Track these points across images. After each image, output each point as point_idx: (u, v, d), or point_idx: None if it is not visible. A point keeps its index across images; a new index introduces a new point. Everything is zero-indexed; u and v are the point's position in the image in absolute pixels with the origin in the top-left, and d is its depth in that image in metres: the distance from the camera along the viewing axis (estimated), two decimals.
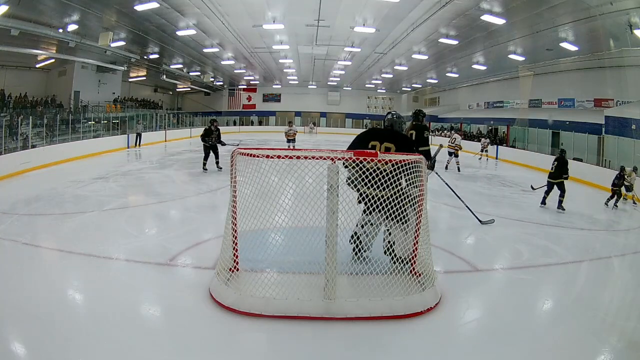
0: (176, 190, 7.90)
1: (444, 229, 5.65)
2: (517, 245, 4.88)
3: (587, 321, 3.10)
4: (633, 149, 10.51)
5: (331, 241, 2.90)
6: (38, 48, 15.15)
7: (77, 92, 19.62)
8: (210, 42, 17.54)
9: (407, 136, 3.99)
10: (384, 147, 3.68)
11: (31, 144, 11.59)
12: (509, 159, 15.67)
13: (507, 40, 14.55)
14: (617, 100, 13.92)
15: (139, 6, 12.16)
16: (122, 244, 4.46)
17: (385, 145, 3.69)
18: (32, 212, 5.93)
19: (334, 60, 21.32)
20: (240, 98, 33.44)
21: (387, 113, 4.03)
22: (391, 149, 3.68)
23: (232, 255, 3.42)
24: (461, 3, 11.25)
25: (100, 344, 2.57)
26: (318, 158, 2.95)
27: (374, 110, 33.76)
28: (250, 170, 3.25)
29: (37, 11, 11.84)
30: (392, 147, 3.68)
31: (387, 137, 3.75)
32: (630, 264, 4.59)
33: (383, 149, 3.67)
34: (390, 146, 3.69)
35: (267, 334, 2.78)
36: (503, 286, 3.82)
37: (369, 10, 12.93)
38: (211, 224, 5.46)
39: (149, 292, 3.39)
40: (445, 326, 2.91)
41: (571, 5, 10.61)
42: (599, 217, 6.70)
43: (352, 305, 2.93)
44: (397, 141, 3.72)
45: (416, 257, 3.44)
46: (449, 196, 6.49)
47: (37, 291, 3.26)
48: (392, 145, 3.69)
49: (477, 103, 24.25)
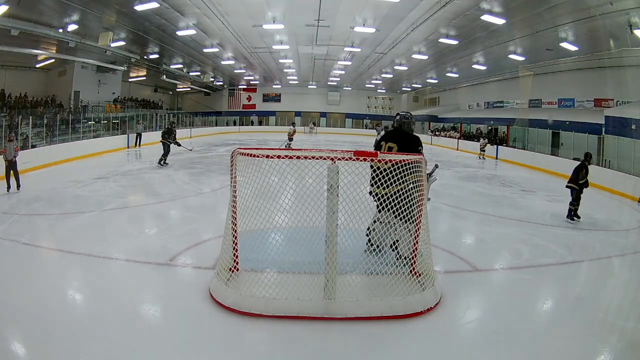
0: (176, 190, 7.90)
1: (444, 229, 5.65)
2: (517, 245, 4.87)
3: (587, 321, 3.10)
4: (633, 149, 10.49)
5: (331, 241, 2.90)
6: (38, 48, 15.15)
7: (77, 92, 19.61)
8: (210, 42, 17.53)
9: (414, 136, 3.97)
10: (387, 147, 3.80)
11: (31, 144, 11.59)
12: (509, 159, 15.67)
13: (507, 40, 14.54)
14: (617, 100, 13.91)
15: (139, 6, 12.15)
16: (122, 244, 4.47)
17: (388, 145, 3.81)
18: (32, 212, 5.93)
19: (334, 60, 21.31)
20: (240, 98, 33.43)
21: (397, 114, 4.09)
22: (393, 149, 3.76)
23: (232, 255, 3.42)
24: (461, 3, 11.24)
25: (100, 344, 2.57)
26: (318, 158, 2.95)
27: (374, 110, 33.75)
28: (251, 170, 3.25)
29: (37, 11, 11.83)
30: (395, 146, 3.77)
31: (391, 137, 3.88)
32: (630, 264, 4.59)
33: (386, 148, 3.79)
34: (393, 146, 3.79)
35: (267, 334, 2.78)
36: (503, 286, 3.82)
37: (369, 10, 12.92)
38: (211, 224, 5.46)
39: (149, 292, 3.39)
40: (445, 326, 2.91)
41: (571, 5, 10.60)
42: (599, 217, 6.70)
43: (352, 305, 2.93)
44: (401, 141, 3.81)
45: (416, 257, 3.45)
46: (449, 196, 6.49)
47: (37, 291, 3.26)
48: (394, 145, 3.78)
49: (477, 103, 24.24)
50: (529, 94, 18.37)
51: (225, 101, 33.64)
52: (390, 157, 3.26)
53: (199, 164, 11.71)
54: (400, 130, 3.97)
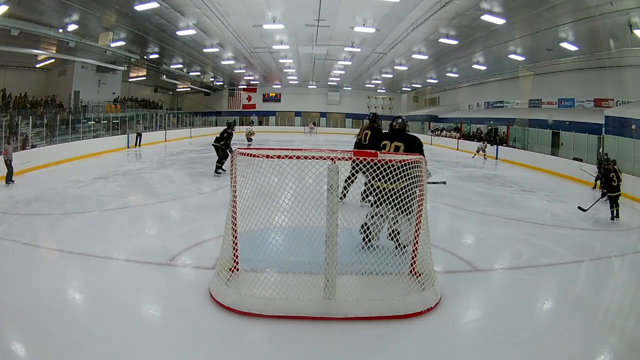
0: (176, 190, 7.90)
1: (444, 229, 5.64)
2: (517, 245, 4.88)
3: (587, 321, 3.10)
4: (633, 149, 10.48)
5: (331, 241, 2.90)
6: (38, 48, 15.15)
7: (77, 92, 19.61)
8: (210, 42, 17.52)
9: (416, 137, 4.32)
10: (394, 146, 4.12)
11: (31, 144, 11.59)
12: (509, 159, 15.67)
13: (507, 40, 14.54)
14: (617, 100, 13.91)
15: (139, 6, 12.15)
16: (122, 244, 4.47)
17: (395, 144, 4.13)
18: (32, 212, 5.93)
19: (334, 60, 21.31)
20: (240, 98, 33.42)
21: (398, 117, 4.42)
22: (400, 148, 4.11)
23: (232, 255, 3.42)
24: (461, 3, 11.24)
25: (100, 344, 2.57)
26: (318, 158, 2.96)
27: (374, 110, 33.73)
28: (251, 170, 3.25)
29: (37, 11, 11.83)
30: (402, 145, 4.12)
31: (397, 137, 4.19)
32: (630, 264, 4.59)
33: (393, 147, 4.12)
34: (400, 145, 4.12)
35: (267, 334, 2.78)
36: (503, 286, 3.82)
37: (369, 10, 12.92)
38: (211, 224, 5.46)
39: (149, 292, 3.39)
40: (445, 326, 2.91)
41: (571, 5, 10.60)
42: (599, 217, 6.70)
43: (352, 305, 2.93)
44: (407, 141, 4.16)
45: (417, 249, 3.45)
46: (449, 196, 6.50)
47: (37, 291, 3.26)
48: (401, 144, 4.12)
49: (477, 103, 24.24)
50: (529, 94, 18.37)
51: (225, 101, 33.63)
52: (390, 157, 3.27)
53: (199, 164, 11.71)
54: (404, 131, 4.30)
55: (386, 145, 4.16)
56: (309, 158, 3.00)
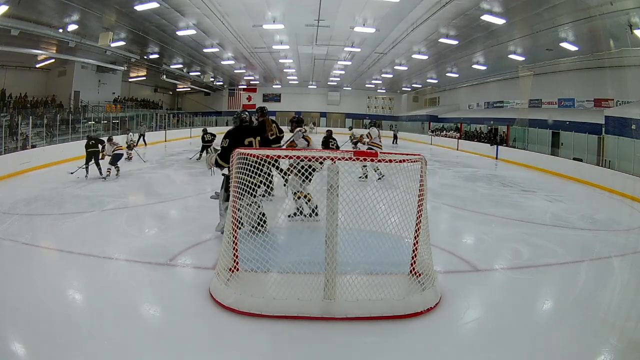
0: (176, 190, 7.90)
1: (444, 229, 5.64)
2: (517, 245, 4.87)
3: (587, 321, 3.09)
4: (633, 149, 10.47)
5: (331, 241, 2.91)
6: (38, 48, 15.15)
7: (77, 92, 19.62)
8: (210, 42, 17.53)
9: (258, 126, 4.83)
10: (257, 141, 4.45)
11: (31, 144, 11.59)
12: (509, 159, 15.67)
13: (507, 40, 14.55)
14: (617, 100, 13.90)
15: (139, 6, 12.16)
16: (122, 244, 4.46)
17: (258, 140, 4.47)
18: (32, 212, 5.93)
19: (334, 60, 21.31)
20: (240, 98, 33.41)
21: (243, 112, 4.68)
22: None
23: (232, 255, 3.42)
24: (461, 3, 11.24)
25: (100, 344, 2.57)
26: (318, 158, 2.96)
27: (374, 110, 33.76)
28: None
29: (37, 11, 11.84)
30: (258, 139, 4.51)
31: (256, 132, 4.53)
32: (630, 264, 4.58)
33: (257, 142, 4.46)
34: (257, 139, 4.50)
35: (267, 334, 2.78)
36: (503, 286, 3.81)
37: (369, 10, 12.92)
38: (211, 224, 5.45)
39: (149, 292, 3.39)
40: (445, 326, 2.91)
41: (571, 5, 10.60)
42: (599, 217, 6.69)
43: (352, 305, 2.93)
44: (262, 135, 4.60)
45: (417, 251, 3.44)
46: (449, 196, 6.49)
47: (37, 291, 3.26)
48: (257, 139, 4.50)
49: (477, 103, 24.24)
50: (529, 94, 18.36)
51: (225, 101, 33.62)
52: (390, 157, 3.27)
53: (199, 163, 11.71)
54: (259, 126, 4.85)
55: (252, 142, 4.44)
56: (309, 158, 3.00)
